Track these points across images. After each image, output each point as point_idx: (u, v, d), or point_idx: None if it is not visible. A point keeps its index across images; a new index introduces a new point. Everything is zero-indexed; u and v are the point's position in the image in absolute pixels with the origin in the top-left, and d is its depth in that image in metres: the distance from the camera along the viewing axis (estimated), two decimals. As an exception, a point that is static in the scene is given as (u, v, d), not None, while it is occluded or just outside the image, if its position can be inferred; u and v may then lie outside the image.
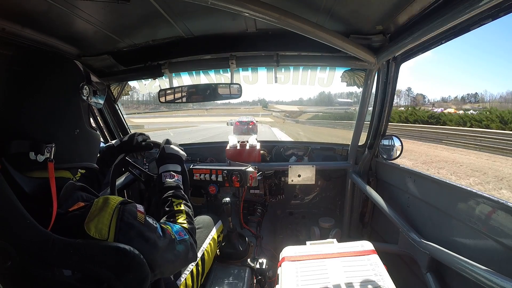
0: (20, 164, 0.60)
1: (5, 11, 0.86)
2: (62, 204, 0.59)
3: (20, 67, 0.63)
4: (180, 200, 0.89)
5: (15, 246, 0.51)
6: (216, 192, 1.68)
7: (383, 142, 1.67)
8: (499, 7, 0.77)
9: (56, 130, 0.64)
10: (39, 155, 0.60)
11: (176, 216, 0.84)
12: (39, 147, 0.60)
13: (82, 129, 0.70)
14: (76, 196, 0.64)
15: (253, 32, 1.30)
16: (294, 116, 44.36)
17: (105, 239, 0.56)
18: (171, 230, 0.72)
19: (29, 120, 0.61)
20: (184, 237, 0.75)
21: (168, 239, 0.69)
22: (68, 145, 0.67)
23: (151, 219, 0.68)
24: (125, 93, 1.86)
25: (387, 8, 1.01)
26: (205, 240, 1.22)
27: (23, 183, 0.58)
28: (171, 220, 0.82)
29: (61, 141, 0.64)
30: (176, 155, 1.05)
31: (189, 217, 0.86)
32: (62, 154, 0.64)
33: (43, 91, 0.63)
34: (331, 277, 1.04)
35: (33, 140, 0.60)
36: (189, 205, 0.90)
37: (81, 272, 0.55)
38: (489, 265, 0.82)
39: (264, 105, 72.32)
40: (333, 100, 69.72)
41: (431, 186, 1.24)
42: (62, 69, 0.69)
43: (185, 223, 0.82)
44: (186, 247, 0.74)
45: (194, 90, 1.56)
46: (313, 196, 2.19)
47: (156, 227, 0.67)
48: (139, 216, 0.63)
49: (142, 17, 1.09)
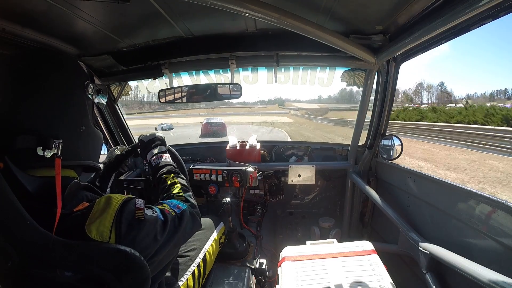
0: (24, 161, 0.59)
1: (5, 11, 0.86)
2: (67, 204, 0.59)
3: (25, 64, 0.63)
4: (171, 175, 0.92)
5: (15, 247, 0.51)
6: (216, 192, 1.68)
7: (383, 142, 1.67)
8: (499, 7, 0.77)
9: (63, 126, 0.64)
10: (47, 150, 0.59)
11: (171, 188, 0.86)
12: (47, 142, 0.59)
13: (88, 127, 0.71)
14: (80, 196, 0.64)
15: (253, 32, 1.30)
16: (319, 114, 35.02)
17: (106, 241, 0.56)
18: (168, 207, 0.74)
19: (36, 115, 0.61)
20: (183, 208, 0.76)
21: (170, 219, 0.70)
22: (74, 142, 0.67)
23: (149, 209, 0.68)
24: (125, 93, 1.86)
25: (387, 8, 1.01)
26: (207, 242, 1.23)
27: (26, 182, 0.57)
28: (167, 194, 0.85)
29: (67, 137, 0.64)
30: (154, 138, 1.07)
31: (184, 186, 0.89)
32: (68, 150, 0.64)
33: (48, 86, 0.63)
34: (331, 277, 1.04)
35: (40, 135, 0.59)
36: (182, 177, 0.94)
37: (81, 273, 0.55)
38: (489, 265, 0.82)
39: (280, 103, 63.10)
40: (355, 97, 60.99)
41: (431, 186, 1.24)
42: (68, 66, 0.70)
43: (180, 192, 0.85)
44: (186, 218, 0.75)
45: (194, 90, 1.56)
46: (313, 196, 2.19)
47: (157, 215, 0.68)
48: (138, 214, 0.63)
49: (142, 17, 1.09)
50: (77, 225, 0.56)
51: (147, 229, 0.63)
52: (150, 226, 0.64)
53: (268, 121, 21.34)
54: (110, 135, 1.88)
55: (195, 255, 1.14)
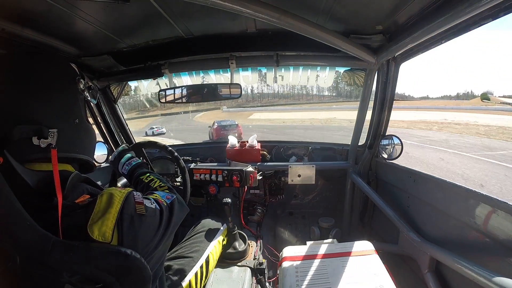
0: (21, 153, 0.59)
1: (5, 11, 0.86)
2: (68, 195, 0.59)
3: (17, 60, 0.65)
4: (146, 174, 0.94)
5: (15, 248, 0.51)
6: (216, 192, 1.68)
7: (383, 142, 1.68)
8: (499, 7, 0.77)
9: (57, 117, 0.65)
10: (42, 139, 0.60)
11: (151, 184, 0.88)
12: (42, 131, 0.60)
13: (82, 120, 0.72)
14: (81, 188, 0.64)
15: (253, 32, 1.30)
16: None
17: (108, 242, 0.56)
18: (160, 197, 0.75)
19: (31, 107, 0.61)
20: (172, 197, 0.78)
21: (164, 208, 0.71)
22: (69, 133, 0.67)
23: (148, 200, 0.68)
24: (125, 93, 1.86)
25: (387, 8, 1.01)
26: (210, 243, 1.23)
27: (27, 176, 0.57)
28: (149, 189, 0.86)
29: (62, 128, 0.64)
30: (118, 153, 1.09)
31: (161, 180, 0.91)
32: (64, 142, 0.64)
33: (42, 78, 0.64)
34: (331, 277, 1.04)
35: (35, 125, 0.60)
36: (156, 174, 0.96)
37: (81, 274, 0.55)
38: (489, 265, 0.82)
39: (484, 97, 39.96)
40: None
41: (431, 186, 1.24)
42: (58, 62, 0.72)
43: (161, 184, 0.88)
44: (176, 206, 0.77)
45: (194, 90, 1.56)
46: (313, 196, 2.19)
47: (154, 206, 0.69)
48: (138, 209, 0.63)
49: (142, 17, 1.09)
50: (79, 225, 0.56)
51: (147, 223, 0.64)
52: (151, 219, 0.65)
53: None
54: (110, 135, 1.88)
55: (198, 256, 1.14)
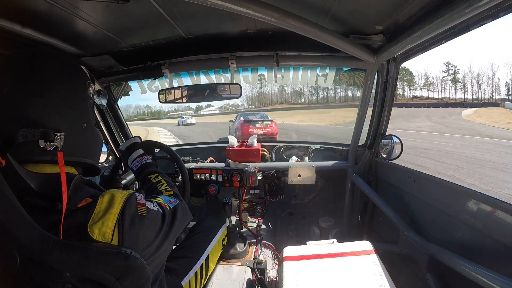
0: (26, 155, 0.59)
1: (5, 11, 0.86)
2: (71, 199, 0.58)
3: (27, 61, 0.64)
4: (155, 174, 0.92)
5: (15, 248, 0.51)
6: (216, 192, 1.68)
7: (383, 142, 1.67)
8: (499, 7, 0.77)
9: (65, 121, 0.64)
10: (49, 142, 0.59)
11: (158, 186, 0.87)
12: (48, 134, 0.59)
13: (89, 125, 0.71)
14: (84, 192, 0.63)
15: (253, 32, 1.30)
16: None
17: (108, 242, 0.56)
18: (163, 201, 0.74)
19: (38, 109, 0.60)
20: (175, 202, 0.77)
21: (167, 213, 0.70)
22: (76, 138, 0.67)
23: (150, 203, 0.68)
24: (125, 93, 1.87)
25: (387, 8, 1.01)
26: (210, 243, 1.23)
27: (29, 179, 0.56)
28: (155, 191, 0.85)
29: (69, 132, 0.64)
30: (132, 144, 1.07)
31: (169, 183, 0.89)
32: (70, 145, 0.64)
33: (50, 81, 0.63)
34: (331, 277, 1.04)
35: (42, 129, 0.59)
36: (165, 175, 0.94)
37: (81, 274, 0.55)
38: (489, 265, 0.82)
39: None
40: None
41: (431, 186, 1.24)
42: (70, 64, 0.70)
43: (168, 188, 0.86)
44: (180, 211, 0.76)
45: (194, 91, 1.56)
46: (313, 196, 2.19)
47: (157, 208, 0.68)
48: (140, 210, 0.63)
49: (142, 17, 1.09)
50: (79, 224, 0.56)
51: (149, 225, 0.63)
52: (152, 221, 0.65)
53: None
54: (110, 135, 1.88)
55: (198, 256, 1.14)
